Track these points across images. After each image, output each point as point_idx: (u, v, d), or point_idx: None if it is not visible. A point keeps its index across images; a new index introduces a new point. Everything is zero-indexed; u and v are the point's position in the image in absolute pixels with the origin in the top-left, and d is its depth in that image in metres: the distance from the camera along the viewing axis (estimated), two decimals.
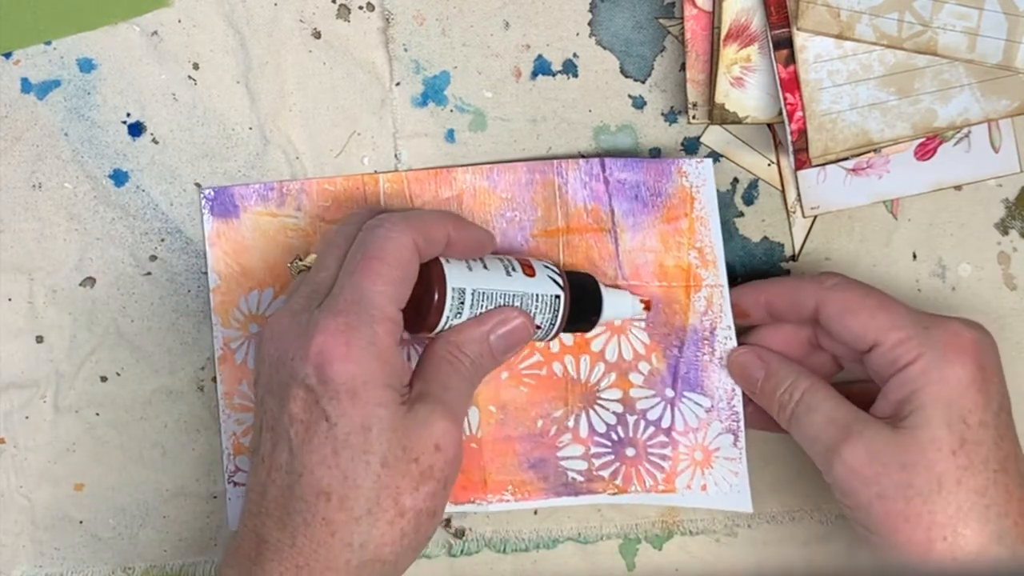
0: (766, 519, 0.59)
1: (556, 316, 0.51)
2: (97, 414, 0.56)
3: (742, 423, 0.56)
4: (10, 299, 0.55)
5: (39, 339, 0.56)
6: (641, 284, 0.55)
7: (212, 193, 0.54)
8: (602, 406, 0.56)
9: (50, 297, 0.56)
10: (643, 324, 0.56)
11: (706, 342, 0.55)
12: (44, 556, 0.57)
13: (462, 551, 0.58)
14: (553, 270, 0.51)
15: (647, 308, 0.54)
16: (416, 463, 0.45)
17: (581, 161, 0.55)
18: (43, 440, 0.56)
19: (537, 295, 0.50)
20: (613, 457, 0.56)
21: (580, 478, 0.56)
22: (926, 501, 0.47)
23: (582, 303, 0.52)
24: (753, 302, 0.54)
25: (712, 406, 0.56)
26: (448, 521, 0.58)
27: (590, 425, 0.56)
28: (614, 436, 0.56)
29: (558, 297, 0.51)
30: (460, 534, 0.58)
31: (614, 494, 0.56)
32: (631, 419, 0.56)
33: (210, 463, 0.57)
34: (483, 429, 0.56)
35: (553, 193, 0.55)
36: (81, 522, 0.57)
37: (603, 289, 0.53)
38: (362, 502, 0.44)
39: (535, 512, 0.58)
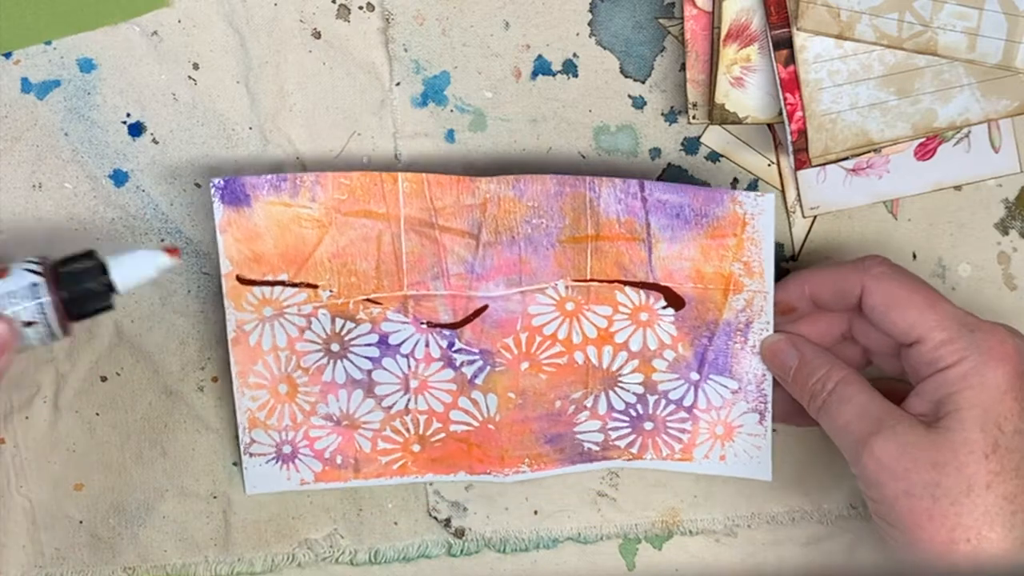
0: (766, 519, 0.59)
1: (43, 304, 0.48)
2: (97, 414, 0.56)
3: (770, 404, 0.55)
4: None
5: None
6: (674, 284, 0.55)
7: (222, 183, 0.53)
8: (622, 387, 0.56)
9: None
10: (672, 318, 0.55)
11: (740, 332, 0.55)
12: (44, 556, 0.57)
13: (462, 551, 0.58)
14: (33, 261, 0.49)
15: (173, 254, 0.50)
16: None
17: (617, 180, 0.54)
18: (43, 440, 0.56)
19: (10, 292, 0.48)
20: (630, 430, 0.56)
21: (596, 448, 0.56)
22: (954, 502, 0.48)
23: (78, 279, 0.49)
24: (798, 294, 0.54)
25: (739, 388, 0.56)
26: (448, 521, 0.58)
27: (609, 404, 0.56)
28: (632, 413, 0.56)
29: (35, 285, 0.48)
30: (460, 534, 0.58)
31: (628, 460, 0.56)
32: (651, 398, 0.56)
33: (210, 463, 0.57)
34: (501, 413, 0.56)
35: (584, 204, 0.54)
36: (81, 522, 0.57)
37: (108, 258, 0.50)
38: None
39: (535, 512, 0.58)
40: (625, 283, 0.55)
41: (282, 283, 0.54)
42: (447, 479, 0.57)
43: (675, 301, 0.55)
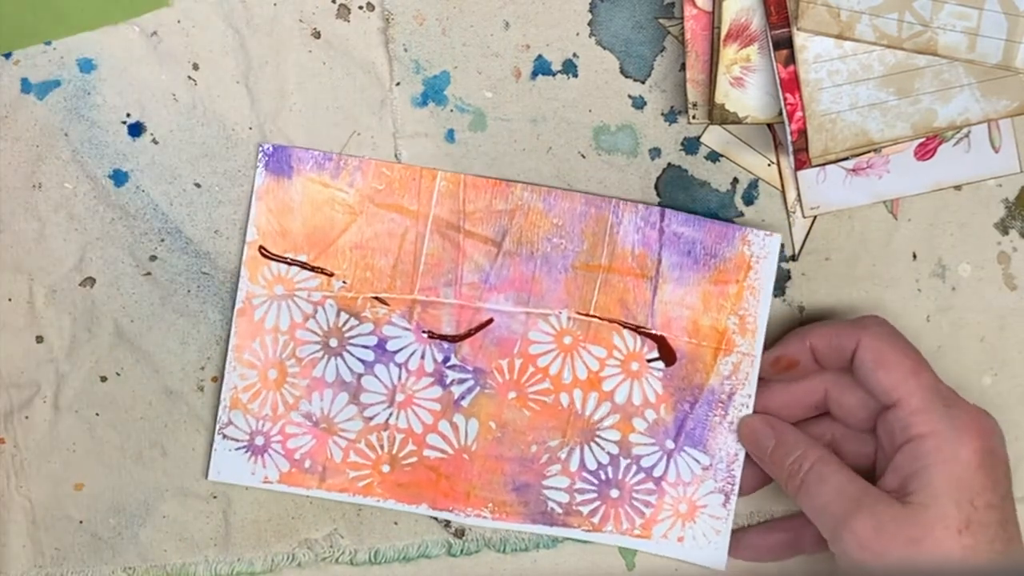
0: (765, 518, 0.59)
1: None
2: (97, 414, 0.56)
3: (737, 487, 0.56)
4: (10, 299, 0.55)
5: (39, 339, 0.56)
6: (670, 336, 0.56)
7: (270, 149, 0.54)
8: (598, 444, 0.56)
9: (50, 297, 0.56)
10: (660, 374, 0.56)
11: (721, 405, 0.56)
12: (44, 556, 0.57)
13: (462, 551, 0.58)
14: None
15: None
16: None
17: (640, 206, 0.55)
18: (43, 440, 0.56)
19: None
20: (596, 495, 0.57)
21: (559, 510, 0.57)
22: None
23: None
24: (800, 348, 0.54)
25: (710, 465, 0.56)
26: (448, 521, 0.58)
27: (582, 461, 0.56)
28: (602, 475, 0.56)
29: None
30: (460, 534, 0.58)
31: (588, 531, 0.57)
32: (624, 462, 0.56)
33: (210, 463, 0.57)
34: (479, 443, 0.56)
35: (604, 230, 0.55)
36: (81, 522, 0.57)
37: None
38: None
39: None
40: (624, 325, 0.55)
41: (300, 264, 0.55)
42: (409, 509, 0.57)
43: (668, 355, 0.56)
